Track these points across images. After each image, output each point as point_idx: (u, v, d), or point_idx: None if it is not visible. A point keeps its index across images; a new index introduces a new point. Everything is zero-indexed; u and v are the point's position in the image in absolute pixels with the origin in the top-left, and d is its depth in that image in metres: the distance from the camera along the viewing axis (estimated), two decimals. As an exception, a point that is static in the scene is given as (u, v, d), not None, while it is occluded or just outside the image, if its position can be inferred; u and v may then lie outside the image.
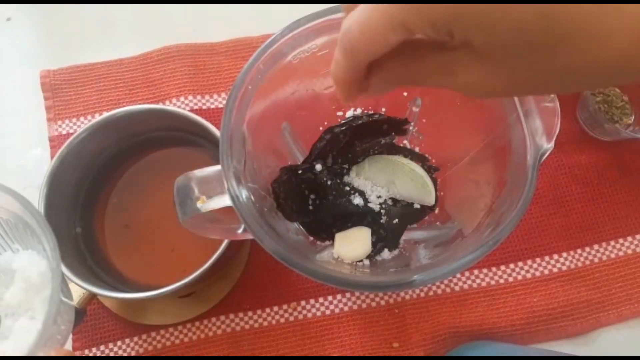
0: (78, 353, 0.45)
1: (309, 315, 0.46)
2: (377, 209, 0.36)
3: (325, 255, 0.36)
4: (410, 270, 0.34)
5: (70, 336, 0.45)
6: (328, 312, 0.46)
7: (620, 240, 0.49)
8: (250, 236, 0.30)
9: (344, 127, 0.36)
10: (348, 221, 0.36)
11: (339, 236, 0.36)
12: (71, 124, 0.51)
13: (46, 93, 0.52)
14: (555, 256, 0.48)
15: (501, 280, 0.47)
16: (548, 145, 0.29)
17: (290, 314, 0.46)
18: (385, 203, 0.36)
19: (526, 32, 0.16)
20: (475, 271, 0.48)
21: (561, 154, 0.51)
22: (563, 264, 0.48)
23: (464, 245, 0.31)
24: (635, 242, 0.49)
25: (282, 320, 0.46)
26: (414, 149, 0.40)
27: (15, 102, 0.54)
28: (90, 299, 0.40)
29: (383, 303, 0.46)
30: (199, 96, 0.52)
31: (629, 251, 0.49)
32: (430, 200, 0.37)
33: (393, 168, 0.36)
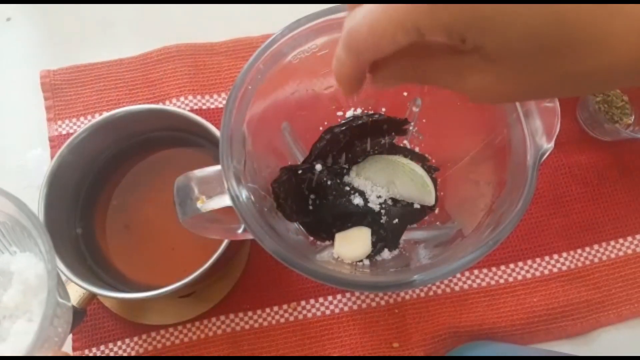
0: (78, 353, 0.45)
1: (309, 315, 0.46)
2: (377, 209, 0.36)
3: (325, 255, 0.36)
4: (410, 270, 0.34)
5: (70, 336, 0.45)
6: (328, 312, 0.46)
7: (620, 240, 0.49)
8: (250, 236, 0.30)
9: (344, 127, 0.36)
10: (348, 221, 0.36)
11: (339, 236, 0.36)
12: (71, 124, 0.51)
13: (46, 93, 0.52)
14: (555, 256, 0.48)
15: (501, 280, 0.47)
16: (548, 145, 0.29)
17: (290, 314, 0.46)
18: (385, 203, 0.36)
19: (540, 36, 0.16)
20: (475, 271, 0.48)
21: (561, 154, 0.51)
22: (563, 264, 0.48)
23: (464, 245, 0.31)
24: (635, 242, 0.49)
25: (282, 320, 0.46)
26: (414, 149, 0.40)
27: (15, 102, 0.54)
28: (90, 299, 0.40)
29: (383, 303, 0.46)
30: (199, 96, 0.52)
31: (629, 251, 0.49)
32: (430, 200, 0.37)
33: (393, 168, 0.36)
